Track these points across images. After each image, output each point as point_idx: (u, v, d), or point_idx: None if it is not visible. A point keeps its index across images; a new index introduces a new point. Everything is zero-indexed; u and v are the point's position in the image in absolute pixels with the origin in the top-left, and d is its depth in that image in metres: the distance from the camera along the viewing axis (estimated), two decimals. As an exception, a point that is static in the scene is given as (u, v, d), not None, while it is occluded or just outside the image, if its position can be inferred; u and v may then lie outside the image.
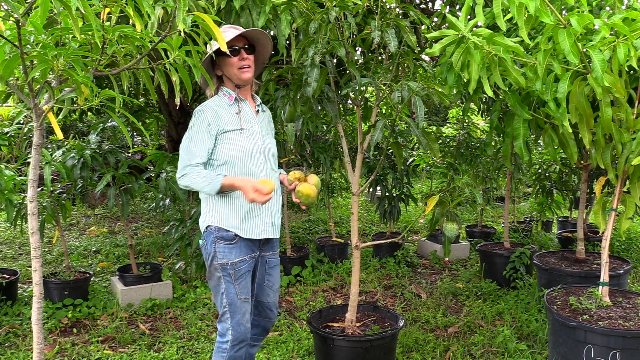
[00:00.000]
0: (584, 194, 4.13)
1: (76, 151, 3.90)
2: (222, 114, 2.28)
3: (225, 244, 2.27)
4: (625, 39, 2.15)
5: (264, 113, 2.47)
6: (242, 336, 2.32)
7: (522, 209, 8.81)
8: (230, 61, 2.28)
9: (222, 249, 2.27)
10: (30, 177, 1.86)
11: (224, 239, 2.27)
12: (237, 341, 2.31)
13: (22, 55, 1.58)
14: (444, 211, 2.80)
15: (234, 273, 2.27)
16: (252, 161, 2.31)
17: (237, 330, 2.30)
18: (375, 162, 5.14)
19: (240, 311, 2.30)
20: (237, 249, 2.28)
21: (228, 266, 2.26)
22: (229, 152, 2.28)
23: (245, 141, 2.30)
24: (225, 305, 2.29)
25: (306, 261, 4.87)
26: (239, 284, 2.29)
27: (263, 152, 2.36)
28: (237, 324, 2.30)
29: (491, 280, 4.60)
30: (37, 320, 1.89)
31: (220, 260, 2.27)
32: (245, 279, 2.31)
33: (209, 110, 2.26)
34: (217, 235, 2.28)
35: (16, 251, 5.96)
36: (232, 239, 2.28)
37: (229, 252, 2.27)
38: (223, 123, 2.27)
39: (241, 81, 2.31)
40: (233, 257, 2.27)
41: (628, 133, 2.48)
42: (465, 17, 2.32)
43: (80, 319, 3.82)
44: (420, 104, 2.46)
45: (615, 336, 2.48)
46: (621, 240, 5.75)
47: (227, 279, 2.27)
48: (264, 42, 2.36)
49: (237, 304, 2.29)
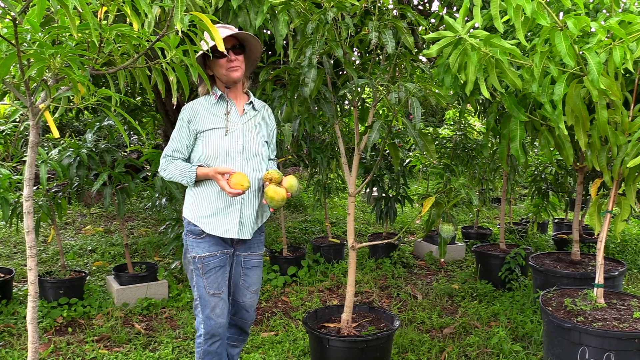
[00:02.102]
0: (579, 196, 4.14)
1: (72, 150, 3.89)
2: (202, 112, 2.32)
3: (194, 237, 2.33)
4: (621, 42, 2.16)
5: (255, 112, 2.45)
6: (212, 330, 2.34)
7: (518, 211, 8.83)
8: (219, 62, 2.31)
9: (191, 243, 2.33)
10: (26, 176, 1.85)
11: (192, 233, 2.33)
12: (208, 335, 2.35)
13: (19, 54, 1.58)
14: (440, 212, 2.81)
15: (202, 267, 2.31)
16: (229, 161, 2.31)
17: (207, 324, 2.34)
18: (371, 162, 5.15)
19: (209, 305, 2.33)
20: (206, 243, 2.32)
21: (197, 260, 2.32)
22: (204, 151, 2.32)
23: (223, 140, 2.31)
24: (197, 298, 2.36)
25: (302, 261, 4.88)
26: (207, 278, 2.32)
27: (242, 152, 2.34)
28: (207, 317, 2.34)
29: (487, 281, 4.61)
30: (32, 319, 1.88)
31: (190, 254, 2.34)
32: (214, 274, 2.33)
33: (190, 109, 2.33)
34: (187, 229, 2.35)
35: (11, 250, 5.93)
36: (200, 233, 2.32)
37: (197, 246, 2.32)
38: (200, 122, 2.31)
39: (230, 81, 2.33)
40: (201, 251, 2.31)
41: (623, 135, 2.49)
42: (462, 18, 2.33)
43: (75, 318, 3.81)
44: (417, 105, 2.46)
45: (610, 338, 2.49)
46: (616, 242, 5.77)
47: (196, 272, 2.33)
48: (253, 42, 2.37)
49: (206, 297, 2.33)
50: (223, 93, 2.37)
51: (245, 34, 2.31)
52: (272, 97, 2.93)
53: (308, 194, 8.87)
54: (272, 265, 4.81)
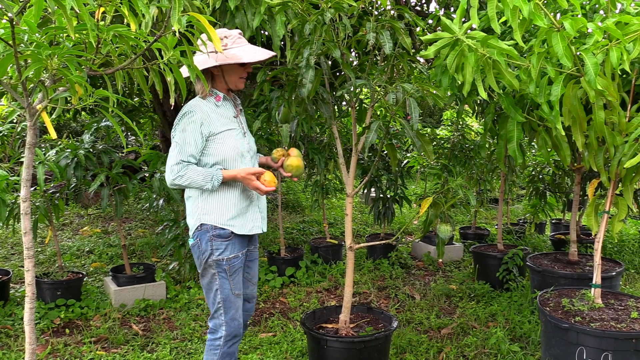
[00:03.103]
0: (576, 197, 4.15)
1: (70, 151, 3.89)
2: (212, 115, 2.33)
3: (222, 241, 2.33)
4: (618, 43, 2.16)
5: (241, 112, 2.55)
6: (235, 331, 2.39)
7: (516, 211, 8.84)
8: (238, 70, 2.37)
9: (218, 246, 2.33)
10: (24, 177, 1.85)
11: (220, 237, 2.33)
12: (230, 336, 2.38)
13: (16, 54, 1.58)
14: (437, 213, 2.81)
15: (228, 269, 2.34)
16: (242, 160, 2.38)
17: (231, 325, 2.37)
18: (369, 163, 5.15)
19: (235, 306, 2.38)
20: (232, 245, 2.35)
21: (224, 262, 2.33)
22: (222, 152, 2.32)
23: (236, 141, 2.37)
24: (220, 301, 2.36)
25: (300, 262, 4.87)
26: (233, 279, 2.36)
27: (249, 151, 2.45)
28: (231, 319, 2.37)
29: (484, 281, 4.62)
30: (29, 320, 1.88)
31: (216, 257, 2.33)
32: (238, 275, 2.38)
33: (200, 111, 2.30)
34: (214, 234, 2.33)
35: (8, 251, 5.92)
36: (228, 236, 2.34)
37: (224, 248, 2.33)
38: (214, 124, 2.31)
39: (236, 88, 2.43)
40: (228, 253, 2.34)
41: (620, 136, 2.50)
42: (459, 19, 2.34)
43: (72, 320, 3.80)
44: (414, 105, 2.46)
45: (607, 338, 2.49)
46: (613, 242, 5.79)
47: (222, 275, 2.34)
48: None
49: (232, 299, 2.36)
50: (225, 94, 2.41)
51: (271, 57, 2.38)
52: (270, 97, 2.93)
53: (306, 195, 8.87)
54: (270, 266, 4.81)
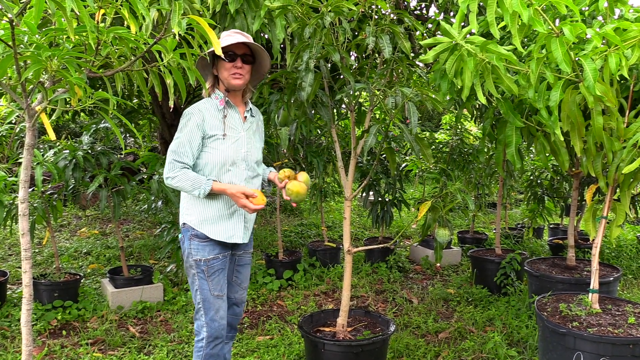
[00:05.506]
0: (574, 202, 4.15)
1: (68, 152, 3.88)
2: (209, 118, 2.31)
3: (199, 241, 2.34)
4: (616, 49, 2.17)
5: (252, 118, 2.49)
6: (216, 332, 2.37)
7: (514, 216, 8.85)
8: (225, 65, 2.32)
9: (196, 246, 2.34)
10: (22, 178, 1.84)
11: (198, 237, 2.34)
12: (212, 338, 2.37)
13: (16, 56, 1.58)
14: (436, 217, 2.81)
15: (207, 270, 2.34)
16: (234, 168, 2.35)
17: (211, 326, 2.36)
18: (368, 167, 5.15)
19: (214, 307, 2.36)
20: (211, 247, 2.35)
21: (202, 263, 2.33)
22: (209, 159, 2.32)
23: (229, 148, 2.34)
24: (200, 301, 2.36)
25: (298, 265, 4.87)
26: (212, 280, 2.35)
27: (245, 159, 2.40)
28: (211, 320, 2.36)
29: (482, 286, 4.62)
30: (26, 322, 1.87)
31: (194, 257, 2.34)
32: (218, 276, 2.37)
33: (198, 113, 2.30)
34: (192, 233, 2.35)
35: (6, 252, 5.91)
36: (205, 237, 2.34)
37: (202, 249, 2.33)
38: (208, 127, 2.30)
39: (230, 86, 2.36)
40: (206, 254, 2.34)
41: (619, 142, 2.50)
42: (459, 24, 2.34)
43: (69, 321, 3.79)
44: (413, 109, 2.47)
45: (605, 343, 2.49)
46: (611, 247, 5.79)
47: (200, 276, 2.34)
48: (263, 56, 2.40)
49: (211, 300, 2.35)
50: (227, 97, 2.38)
51: (258, 45, 2.34)
52: (269, 100, 2.94)
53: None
54: (267, 269, 4.80)
